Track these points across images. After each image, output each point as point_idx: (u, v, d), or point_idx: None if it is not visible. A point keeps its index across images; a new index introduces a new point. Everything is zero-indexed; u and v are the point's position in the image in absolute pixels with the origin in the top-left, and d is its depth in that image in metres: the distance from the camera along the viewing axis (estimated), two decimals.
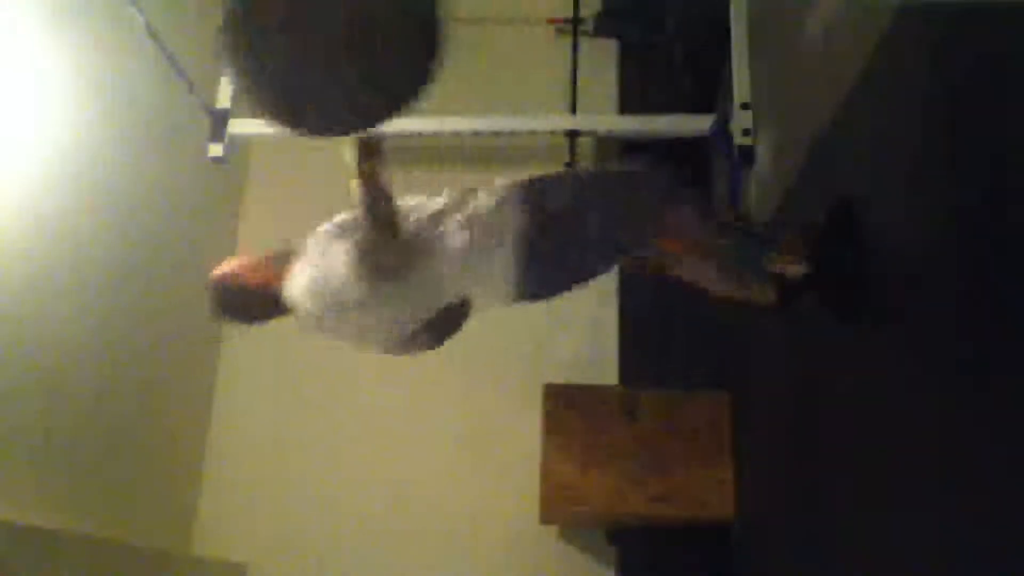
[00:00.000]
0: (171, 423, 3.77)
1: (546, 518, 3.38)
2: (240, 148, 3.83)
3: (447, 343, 2.32)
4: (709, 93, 3.65)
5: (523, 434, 3.52)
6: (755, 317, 2.59)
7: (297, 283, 2.16)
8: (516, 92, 4.17)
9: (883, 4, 2.06)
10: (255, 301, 2.33)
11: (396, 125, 1.64)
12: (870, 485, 2.13)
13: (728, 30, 3.29)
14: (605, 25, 3.90)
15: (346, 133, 1.81)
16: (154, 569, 3.32)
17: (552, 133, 3.43)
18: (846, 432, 2.30)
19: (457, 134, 3.48)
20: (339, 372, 4.04)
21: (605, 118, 3.75)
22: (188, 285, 3.91)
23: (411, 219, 2.13)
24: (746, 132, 3.13)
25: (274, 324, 4.33)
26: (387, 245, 2.04)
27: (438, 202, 2.22)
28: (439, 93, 1.65)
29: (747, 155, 3.14)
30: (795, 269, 2.29)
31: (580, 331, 3.88)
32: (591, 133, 3.56)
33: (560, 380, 3.46)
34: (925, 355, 1.91)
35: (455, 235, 2.12)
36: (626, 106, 4.12)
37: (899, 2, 1.96)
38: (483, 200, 2.17)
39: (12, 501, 2.76)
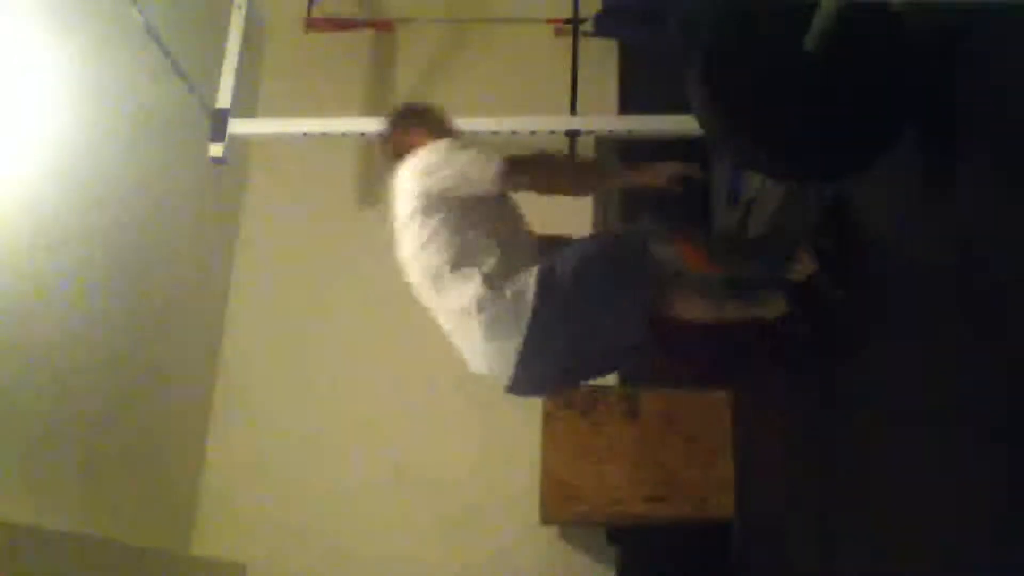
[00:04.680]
0: (171, 422, 3.77)
1: (546, 518, 3.38)
2: (240, 148, 3.83)
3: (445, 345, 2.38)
4: None
5: (523, 434, 3.51)
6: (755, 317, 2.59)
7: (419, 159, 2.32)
8: (516, 92, 4.17)
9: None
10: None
11: None
12: (871, 484, 2.13)
13: None
14: (605, 25, 3.90)
15: None
16: (154, 569, 3.32)
17: (552, 133, 3.42)
18: (846, 431, 2.30)
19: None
20: (338, 374, 4.04)
21: (605, 118, 3.74)
22: (188, 284, 3.92)
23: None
24: None
25: (275, 327, 4.33)
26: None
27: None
28: (439, 94, 1.66)
29: None
30: (810, 268, 2.29)
31: None
32: (591, 133, 3.56)
33: None
34: (926, 354, 1.91)
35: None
36: (626, 106, 4.11)
37: (899, 2, 1.96)
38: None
39: (12, 501, 2.76)
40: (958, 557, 1.70)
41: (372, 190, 4.36)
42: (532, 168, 2.31)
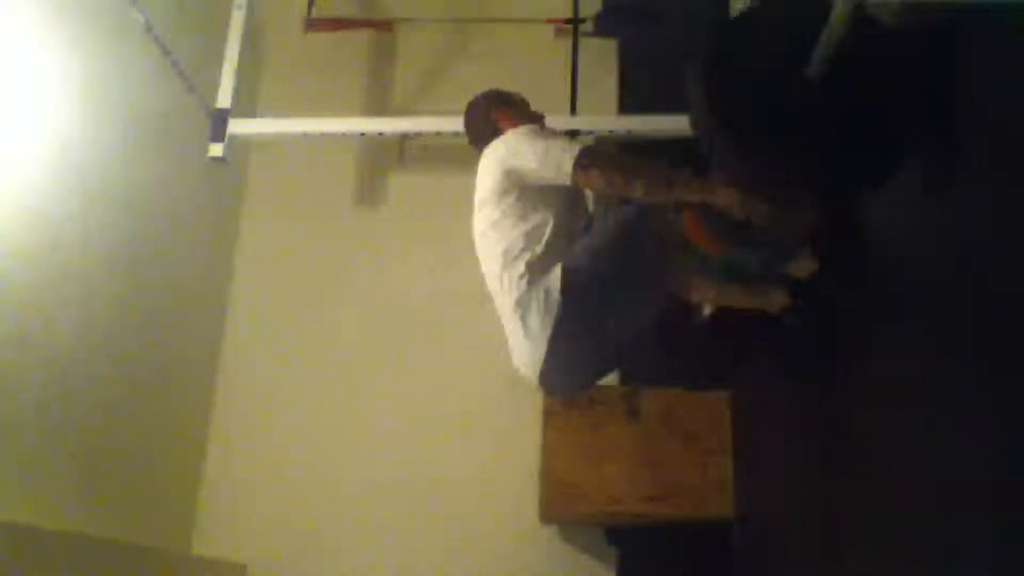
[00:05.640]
0: (171, 422, 3.77)
1: (546, 518, 3.38)
2: (240, 148, 3.83)
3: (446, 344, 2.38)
4: None
5: (523, 433, 3.51)
6: (755, 317, 2.59)
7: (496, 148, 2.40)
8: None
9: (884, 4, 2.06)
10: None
11: (397, 126, 1.64)
12: (871, 484, 2.13)
13: None
14: (605, 24, 3.90)
15: None
16: (154, 569, 3.31)
17: None
18: (846, 431, 2.30)
19: (457, 134, 3.48)
20: (339, 375, 4.04)
21: (605, 118, 3.75)
22: (188, 284, 3.92)
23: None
24: None
25: (275, 327, 4.32)
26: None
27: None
28: (439, 94, 1.66)
29: None
30: (810, 266, 2.30)
31: None
32: (591, 133, 3.56)
33: None
34: (926, 354, 1.91)
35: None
36: (626, 106, 4.12)
37: (899, 2, 1.96)
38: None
39: (11, 501, 2.76)
40: (958, 556, 1.70)
41: (372, 190, 4.37)
42: (609, 167, 2.31)
